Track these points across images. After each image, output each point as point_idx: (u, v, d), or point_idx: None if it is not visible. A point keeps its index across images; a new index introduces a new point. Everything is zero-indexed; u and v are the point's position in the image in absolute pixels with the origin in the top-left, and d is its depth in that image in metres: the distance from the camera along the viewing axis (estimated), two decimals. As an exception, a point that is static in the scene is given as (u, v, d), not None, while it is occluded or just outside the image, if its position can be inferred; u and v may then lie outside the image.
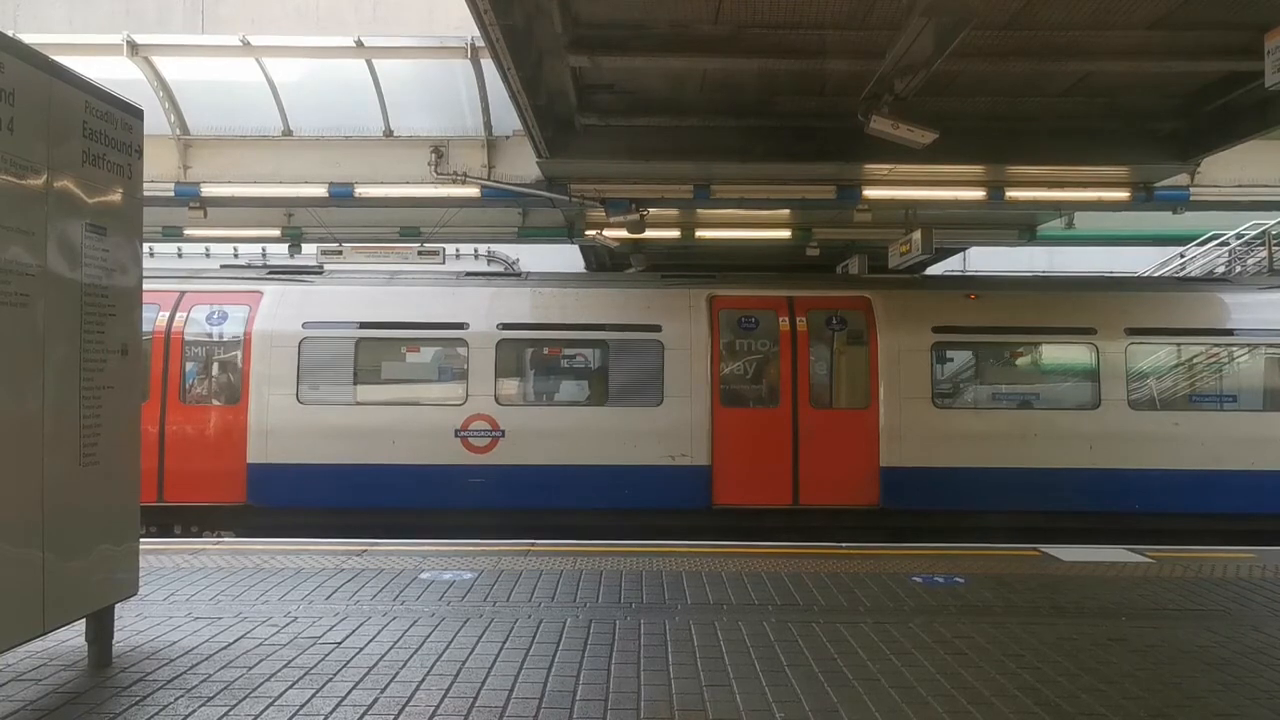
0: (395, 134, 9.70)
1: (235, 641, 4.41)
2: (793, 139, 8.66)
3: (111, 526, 4.04)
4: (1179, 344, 10.65)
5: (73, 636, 4.18)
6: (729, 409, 10.29)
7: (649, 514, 9.82)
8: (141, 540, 4.56)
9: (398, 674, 3.97)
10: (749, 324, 10.65)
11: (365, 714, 3.51)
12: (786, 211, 11.58)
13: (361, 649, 4.32)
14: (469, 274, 11.85)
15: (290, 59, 9.22)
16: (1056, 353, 11.05)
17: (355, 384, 10.39)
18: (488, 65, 8.15)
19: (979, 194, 9.82)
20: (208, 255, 15.26)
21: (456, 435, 10.00)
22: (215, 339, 10.58)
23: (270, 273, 11.49)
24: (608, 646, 4.40)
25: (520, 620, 4.87)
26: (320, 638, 4.49)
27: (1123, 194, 9.79)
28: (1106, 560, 6.62)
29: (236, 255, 15.46)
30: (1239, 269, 13.98)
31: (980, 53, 6.72)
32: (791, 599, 5.42)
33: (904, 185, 9.70)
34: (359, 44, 8.79)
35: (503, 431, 10.01)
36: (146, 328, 9.44)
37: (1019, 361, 11.19)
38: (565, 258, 15.11)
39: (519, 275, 12.54)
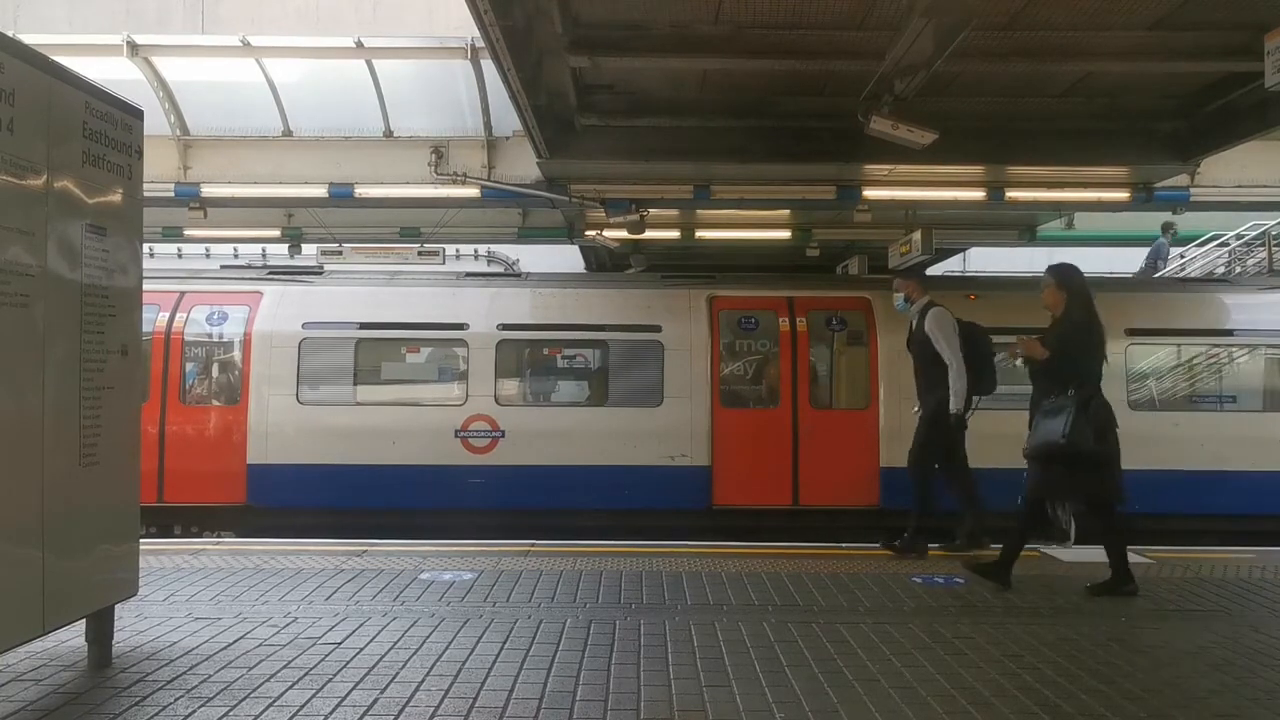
0: (395, 134, 9.70)
1: (235, 642, 4.40)
2: (793, 139, 8.65)
3: (111, 527, 4.04)
4: (1179, 345, 10.65)
5: (73, 637, 4.17)
6: (729, 409, 10.28)
7: (649, 514, 9.81)
8: (141, 540, 4.55)
9: (398, 674, 3.97)
10: (749, 324, 10.65)
11: (365, 714, 3.51)
12: (786, 212, 11.58)
13: (361, 649, 4.32)
14: (469, 274, 11.84)
15: (290, 59, 9.22)
16: (1056, 353, 11.03)
17: (355, 384, 10.39)
18: (488, 65, 8.15)
19: (979, 194, 9.82)
20: (208, 256, 15.26)
21: (456, 436, 10.00)
22: (215, 339, 10.59)
23: (270, 273, 11.49)
24: (608, 647, 4.40)
25: (520, 620, 4.87)
26: (320, 638, 4.49)
27: (1123, 194, 9.78)
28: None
29: (236, 256, 15.46)
30: (1239, 270, 13.99)
31: (980, 53, 6.71)
32: (791, 599, 5.42)
33: (904, 186, 9.69)
34: (359, 44, 8.79)
35: (503, 432, 10.01)
36: (146, 328, 9.44)
37: (1018, 362, 11.17)
38: (565, 258, 15.12)
39: (519, 275, 12.54)
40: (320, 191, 9.75)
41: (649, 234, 10.90)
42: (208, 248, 15.18)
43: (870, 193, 9.73)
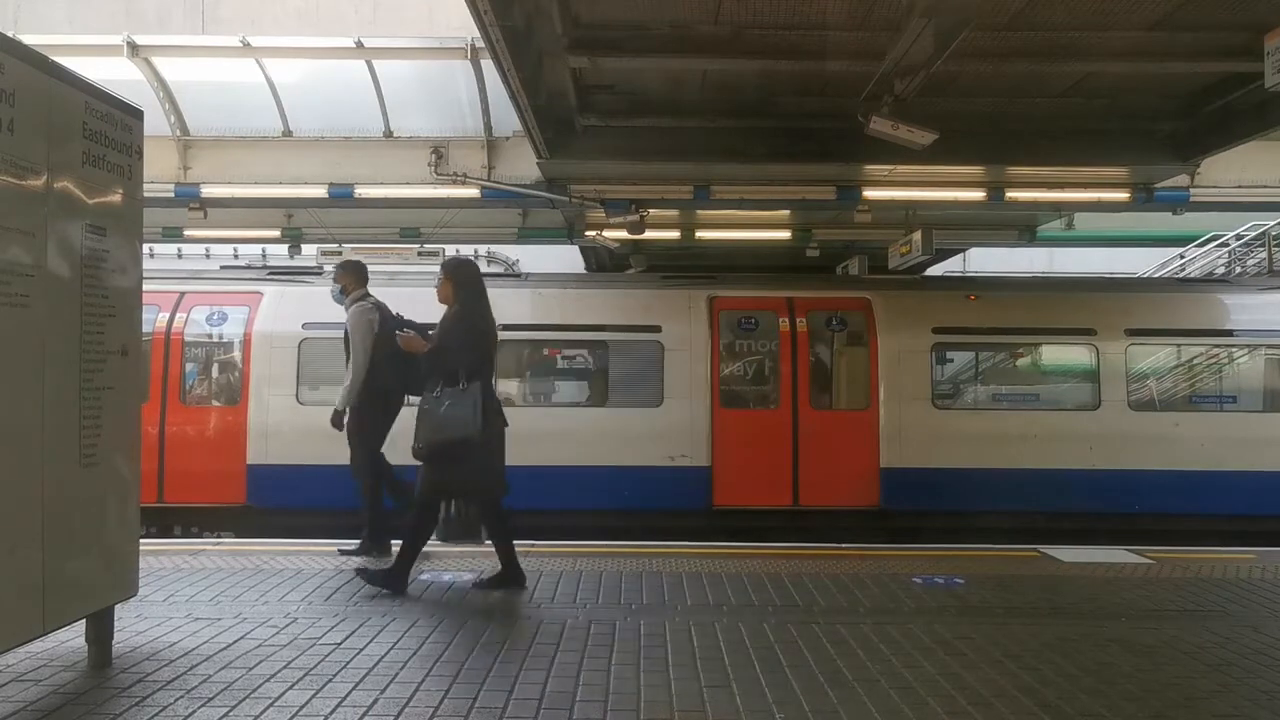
0: (395, 135, 9.70)
1: (235, 642, 4.40)
2: (793, 139, 8.66)
3: (111, 527, 4.03)
4: (1179, 345, 10.66)
5: (73, 637, 4.17)
6: (729, 410, 10.28)
7: (649, 515, 9.80)
8: (141, 541, 4.55)
9: (397, 675, 3.97)
10: (749, 325, 10.65)
11: (365, 715, 3.51)
12: (786, 212, 11.58)
13: (361, 650, 4.32)
14: (469, 275, 11.79)
15: (290, 60, 9.22)
16: (1056, 354, 11.05)
17: (355, 385, 10.36)
18: (488, 66, 8.15)
19: (979, 195, 9.82)
20: (208, 256, 15.26)
21: (456, 436, 9.97)
22: (215, 340, 10.58)
23: (270, 273, 11.48)
24: (608, 647, 4.40)
25: (520, 621, 4.86)
26: (320, 639, 4.48)
27: (1122, 195, 9.79)
28: (1106, 561, 6.62)
29: (236, 256, 15.46)
30: (1239, 270, 14.00)
31: (980, 53, 6.72)
32: (791, 600, 5.41)
33: (904, 186, 9.70)
34: (359, 45, 8.78)
35: (502, 432, 9.98)
36: (146, 328, 9.43)
37: (1019, 362, 11.19)
38: (565, 258, 15.11)
39: (519, 276, 12.53)
40: (320, 192, 9.75)
41: (649, 234, 10.89)
42: (208, 248, 15.17)
43: (870, 193, 9.73)
